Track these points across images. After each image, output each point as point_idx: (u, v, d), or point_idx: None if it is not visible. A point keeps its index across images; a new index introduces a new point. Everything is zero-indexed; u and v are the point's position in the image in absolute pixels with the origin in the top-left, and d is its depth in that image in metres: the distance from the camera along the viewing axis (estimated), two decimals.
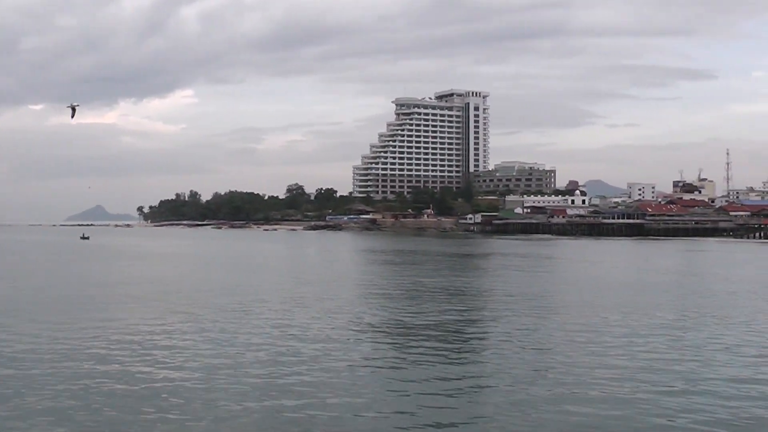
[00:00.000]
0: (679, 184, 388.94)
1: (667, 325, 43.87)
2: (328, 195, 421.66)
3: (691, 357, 34.24)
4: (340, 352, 34.85)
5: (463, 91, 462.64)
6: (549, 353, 35.07)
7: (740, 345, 37.55)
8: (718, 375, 30.63)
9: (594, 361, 33.24)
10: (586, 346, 36.96)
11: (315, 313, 48.16)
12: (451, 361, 33.42)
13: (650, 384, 28.82)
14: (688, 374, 30.70)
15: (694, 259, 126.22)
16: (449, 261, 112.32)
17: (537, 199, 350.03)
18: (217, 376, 29.74)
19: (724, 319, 46.60)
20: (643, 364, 32.60)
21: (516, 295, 61.03)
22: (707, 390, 28.07)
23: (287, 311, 49.05)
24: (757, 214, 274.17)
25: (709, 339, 39.21)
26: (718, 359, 33.91)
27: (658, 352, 35.39)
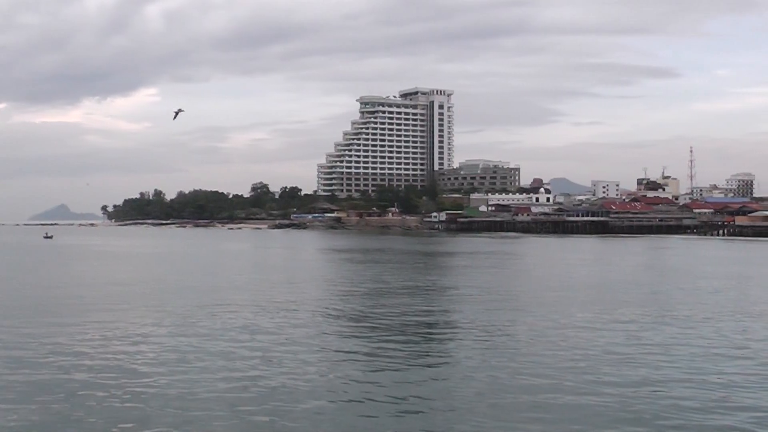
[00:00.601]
0: (643, 182, 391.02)
1: (630, 322, 44.04)
2: (293, 193, 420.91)
3: (653, 353, 34.23)
4: (306, 352, 34.66)
5: (427, 89, 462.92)
6: (513, 350, 35.01)
7: (702, 341, 37.67)
8: (681, 371, 30.63)
9: (558, 357, 33.21)
10: (551, 342, 36.98)
11: (281, 312, 47.85)
12: (416, 358, 33.33)
13: (613, 379, 28.78)
14: (650, 370, 30.68)
15: (657, 256, 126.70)
16: (414, 259, 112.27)
17: (502, 197, 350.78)
18: (181, 376, 29.40)
19: (686, 316, 46.66)
20: (605, 359, 32.61)
21: (480, 292, 61.04)
22: (668, 385, 28.13)
23: (253, 311, 48.70)
24: (721, 212, 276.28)
25: (671, 336, 39.30)
26: (680, 355, 33.94)
27: (621, 348, 35.38)
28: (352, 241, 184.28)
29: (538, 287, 66.97)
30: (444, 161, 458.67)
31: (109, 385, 27.94)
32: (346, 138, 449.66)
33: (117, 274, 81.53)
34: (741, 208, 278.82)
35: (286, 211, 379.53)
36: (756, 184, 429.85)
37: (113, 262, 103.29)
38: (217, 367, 31.21)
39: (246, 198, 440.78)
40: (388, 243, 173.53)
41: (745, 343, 37.38)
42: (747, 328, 42.28)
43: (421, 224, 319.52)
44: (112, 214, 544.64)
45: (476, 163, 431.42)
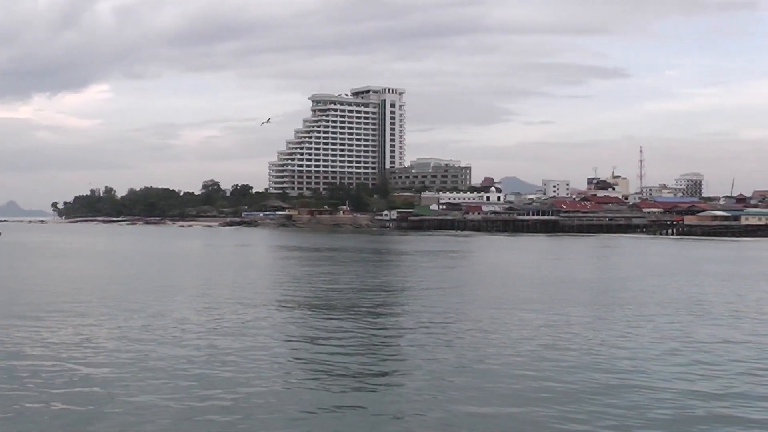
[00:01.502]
0: (594, 181, 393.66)
1: (579, 319, 44.05)
2: (244, 191, 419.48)
3: (599, 350, 34.29)
4: (256, 350, 34.27)
5: (379, 87, 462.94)
6: (462, 349, 34.79)
7: (647, 337, 37.79)
8: (622, 368, 30.77)
9: (504, 354, 33.13)
10: (498, 340, 36.89)
11: (232, 311, 47.31)
12: (366, 357, 33.11)
13: (557, 376, 28.73)
14: (595, 366, 30.77)
15: (606, 255, 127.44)
16: (365, 257, 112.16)
17: (452, 196, 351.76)
18: (129, 376, 28.98)
19: (631, 314, 46.83)
20: (549, 356, 32.61)
21: (430, 290, 60.99)
22: (610, 382, 28.20)
23: (202, 309, 48.24)
24: (670, 211, 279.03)
25: (618, 333, 39.38)
26: (623, 352, 34.06)
27: (567, 345, 35.42)
28: (302, 240, 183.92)
29: (487, 285, 67.03)
30: (395, 160, 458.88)
31: (55, 385, 27.55)
32: (298, 136, 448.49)
33: (66, 271, 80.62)
34: (690, 208, 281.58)
35: (237, 208, 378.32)
36: (705, 184, 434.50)
37: (60, 260, 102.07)
38: (166, 366, 30.86)
39: (197, 195, 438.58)
40: (339, 241, 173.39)
41: (686, 339, 37.60)
42: (692, 325, 42.52)
43: (372, 222, 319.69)
44: (62, 211, 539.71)
45: (427, 162, 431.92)
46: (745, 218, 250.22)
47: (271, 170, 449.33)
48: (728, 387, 28.05)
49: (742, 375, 30.05)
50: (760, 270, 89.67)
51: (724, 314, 48.18)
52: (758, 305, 53.69)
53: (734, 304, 53.75)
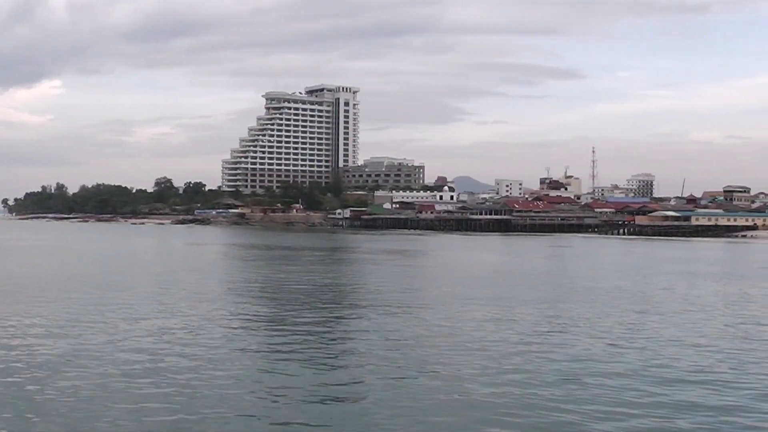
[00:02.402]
0: (546, 181, 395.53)
1: (530, 316, 44.33)
2: (197, 189, 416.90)
3: (550, 347, 34.54)
4: (206, 350, 34.23)
5: (333, 86, 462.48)
6: (416, 348, 34.98)
7: (594, 334, 38.08)
8: (574, 366, 31.03)
9: (457, 353, 33.36)
10: (451, 339, 37.04)
11: (179, 310, 47.18)
12: (319, 356, 33.13)
13: (510, 374, 28.89)
14: (544, 363, 31.01)
15: (557, 254, 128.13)
16: (317, 256, 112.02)
17: (406, 195, 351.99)
18: (75, 376, 28.75)
19: (574, 312, 47.23)
20: (502, 354, 32.77)
21: (383, 289, 61.13)
22: (559, 378, 28.50)
23: (152, 307, 48.01)
24: (621, 211, 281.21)
25: (578, 332, 39.69)
26: (583, 353, 34.33)
27: (520, 342, 35.64)
28: (255, 238, 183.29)
29: (439, 284, 67.24)
30: (349, 158, 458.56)
31: None
32: (251, 134, 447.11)
33: (12, 268, 79.98)
34: (641, 208, 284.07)
35: (190, 206, 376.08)
36: (656, 185, 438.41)
37: (7, 256, 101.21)
38: (109, 358, 30.75)
39: (150, 193, 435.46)
40: (292, 240, 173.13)
41: (632, 336, 37.97)
42: (643, 323, 42.92)
43: (325, 221, 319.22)
44: (12, 208, 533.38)
45: (381, 161, 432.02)
46: (695, 219, 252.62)
47: (224, 168, 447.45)
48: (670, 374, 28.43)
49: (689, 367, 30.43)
50: (708, 270, 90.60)
51: (671, 311, 48.69)
52: (704, 303, 54.28)
53: (682, 302, 54.35)
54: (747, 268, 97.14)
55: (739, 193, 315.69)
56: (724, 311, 50.18)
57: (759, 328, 42.41)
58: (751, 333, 40.68)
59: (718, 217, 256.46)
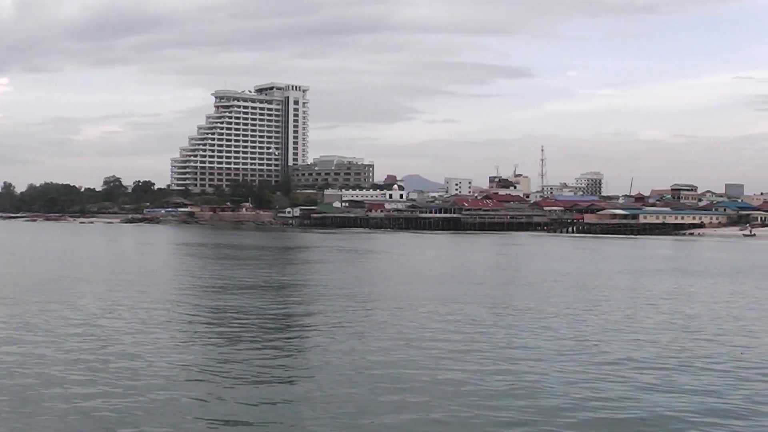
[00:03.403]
0: (495, 180, 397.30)
1: (480, 314, 44.50)
2: (146, 187, 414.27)
3: (499, 344, 34.64)
4: (153, 350, 34.01)
5: (283, 84, 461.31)
6: (365, 348, 34.96)
7: (548, 331, 38.27)
8: (525, 364, 31.20)
9: (407, 351, 33.47)
10: (401, 337, 37.18)
11: (127, 309, 46.88)
12: (268, 357, 33.00)
13: (464, 372, 28.94)
14: (495, 361, 31.16)
15: (506, 252, 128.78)
16: (267, 255, 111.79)
17: (355, 193, 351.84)
18: (18, 377, 28.48)
19: (521, 309, 47.45)
20: (455, 352, 32.81)
21: (332, 288, 61.12)
22: (511, 375, 28.63)
23: (99, 307, 47.61)
24: (570, 210, 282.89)
25: (522, 332, 39.85)
26: (526, 346, 34.47)
27: (472, 341, 35.76)
28: (204, 237, 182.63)
29: (386, 282, 67.33)
30: (299, 157, 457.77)
31: None
32: (201, 132, 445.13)
33: None
34: (590, 206, 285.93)
35: (139, 205, 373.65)
36: (604, 183, 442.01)
37: None
38: (54, 359, 30.48)
39: (98, 192, 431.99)
40: (241, 238, 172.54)
41: (577, 335, 38.23)
42: (585, 321, 43.20)
43: (274, 220, 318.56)
44: None
45: (331, 159, 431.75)
46: (643, 217, 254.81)
47: (173, 167, 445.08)
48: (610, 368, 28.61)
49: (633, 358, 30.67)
50: (653, 266, 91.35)
51: (617, 308, 49.06)
52: (650, 299, 54.74)
53: (624, 297, 54.76)
54: (694, 265, 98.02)
55: (686, 192, 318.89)
56: (662, 308, 50.63)
57: (696, 322, 42.83)
58: (691, 327, 41.08)
59: (666, 216, 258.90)
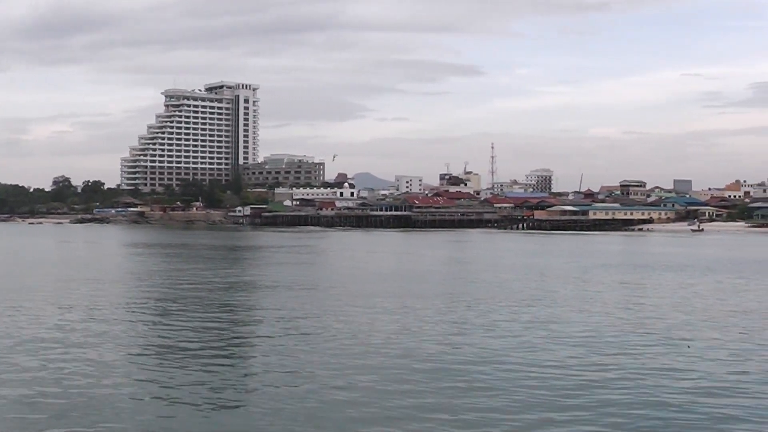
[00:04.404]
0: (446, 177, 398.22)
1: (435, 310, 44.76)
2: (96, 188, 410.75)
3: (454, 340, 34.81)
4: (96, 352, 33.68)
5: (233, 83, 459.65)
6: (316, 347, 34.90)
7: (500, 326, 38.49)
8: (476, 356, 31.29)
9: (347, 351, 33.49)
10: (342, 336, 37.15)
11: (77, 310, 46.33)
12: (216, 357, 32.89)
13: (419, 369, 29.08)
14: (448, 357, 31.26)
15: (456, 249, 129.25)
16: (217, 254, 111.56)
17: (306, 192, 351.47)
18: None
19: (484, 303, 47.65)
20: (407, 348, 32.99)
21: (283, 287, 61.01)
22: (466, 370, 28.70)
23: (49, 308, 47.10)
24: (520, 206, 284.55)
25: (477, 327, 40.01)
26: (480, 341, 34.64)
27: (425, 337, 35.90)
28: (154, 236, 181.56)
29: (338, 280, 67.37)
30: (249, 156, 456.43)
31: None
32: (151, 131, 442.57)
33: None
34: (539, 203, 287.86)
35: (88, 205, 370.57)
36: (554, 180, 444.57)
37: None
38: None
39: (47, 192, 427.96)
40: (192, 238, 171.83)
41: (522, 330, 38.54)
42: (536, 313, 43.53)
43: (225, 219, 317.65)
44: None
45: (281, 158, 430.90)
46: (592, 213, 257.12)
47: (123, 166, 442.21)
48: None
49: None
50: (601, 261, 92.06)
51: (564, 302, 49.45)
52: (600, 295, 55.18)
53: (575, 293, 55.20)
54: (643, 259, 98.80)
55: (635, 188, 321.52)
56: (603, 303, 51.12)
57: (642, 315, 43.26)
58: (639, 321, 41.48)
59: (615, 211, 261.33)
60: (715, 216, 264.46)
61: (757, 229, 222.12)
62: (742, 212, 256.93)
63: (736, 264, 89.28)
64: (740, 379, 28.13)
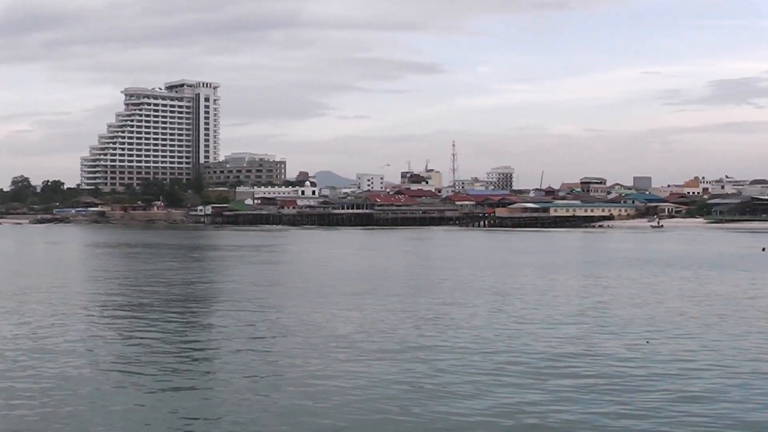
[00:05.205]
0: (407, 175, 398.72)
1: (399, 307, 44.92)
2: (56, 187, 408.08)
3: (420, 337, 34.98)
4: (53, 355, 33.63)
5: (194, 81, 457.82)
6: (278, 345, 35.03)
7: (461, 321, 38.69)
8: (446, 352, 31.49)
9: (308, 351, 33.50)
10: (304, 336, 37.20)
11: (32, 311, 46.24)
12: (176, 358, 32.90)
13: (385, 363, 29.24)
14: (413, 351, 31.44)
15: (418, 246, 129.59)
16: (178, 253, 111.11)
17: (267, 191, 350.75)
18: None
19: (445, 299, 47.87)
20: (373, 345, 33.07)
21: (241, 286, 61.12)
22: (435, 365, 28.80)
23: (6, 310, 46.92)
24: (481, 204, 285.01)
25: (440, 326, 40.14)
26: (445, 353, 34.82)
27: (392, 333, 36.07)
28: (115, 236, 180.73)
29: (300, 278, 67.41)
30: (210, 154, 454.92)
31: None
32: (111, 130, 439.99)
33: None
34: (501, 200, 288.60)
35: (48, 205, 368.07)
36: (515, 177, 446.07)
37: None
38: None
39: (6, 192, 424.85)
40: (153, 237, 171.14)
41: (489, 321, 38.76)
42: (501, 308, 43.77)
43: (186, 218, 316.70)
44: None
45: (242, 156, 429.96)
46: (553, 210, 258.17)
47: (83, 166, 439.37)
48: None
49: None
50: (562, 258, 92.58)
51: (524, 296, 49.75)
52: (559, 291, 55.55)
53: (537, 289, 55.53)
54: (603, 255, 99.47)
55: (596, 185, 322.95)
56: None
57: (602, 311, 43.59)
58: (598, 315, 41.79)
59: (576, 208, 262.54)
60: (675, 212, 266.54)
61: (715, 225, 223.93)
62: (700, 208, 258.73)
63: (695, 260, 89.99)
64: (698, 375, 28.44)
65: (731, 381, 27.44)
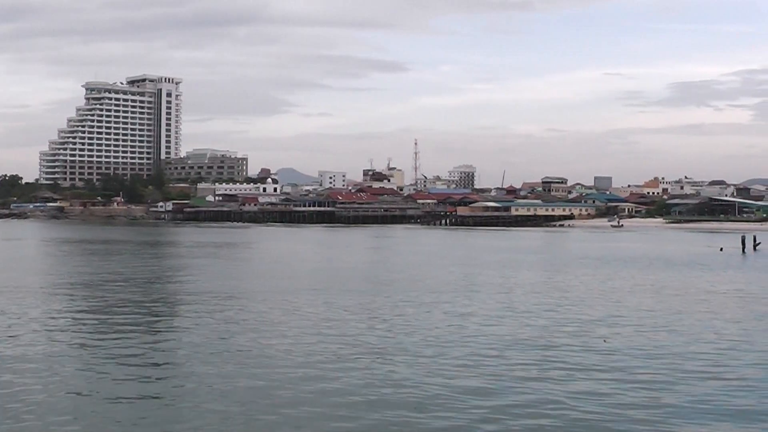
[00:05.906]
0: (369, 173, 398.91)
1: (360, 304, 44.92)
2: (13, 182, 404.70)
3: (377, 330, 34.97)
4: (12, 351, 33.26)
5: (155, 76, 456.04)
6: (240, 343, 34.91)
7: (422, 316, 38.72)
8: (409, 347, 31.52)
9: (285, 345, 33.50)
10: (267, 334, 37.14)
11: None
12: (131, 356, 32.67)
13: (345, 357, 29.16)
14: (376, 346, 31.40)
15: (380, 244, 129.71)
16: (138, 249, 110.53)
17: (229, 187, 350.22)
18: None
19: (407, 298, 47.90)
20: (331, 340, 33.00)
21: (201, 283, 60.94)
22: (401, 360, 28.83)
23: None
24: (443, 202, 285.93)
25: (407, 323, 40.14)
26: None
27: (348, 329, 35.98)
28: (74, 232, 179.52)
29: (257, 277, 67.31)
30: (171, 150, 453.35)
31: None
32: (71, 125, 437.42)
33: None
34: (463, 199, 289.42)
35: (5, 200, 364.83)
36: (477, 176, 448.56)
37: None
38: None
39: None
40: (112, 233, 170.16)
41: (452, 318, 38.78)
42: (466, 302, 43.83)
43: (147, 214, 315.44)
44: None
45: (204, 153, 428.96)
46: (515, 209, 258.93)
47: (42, 160, 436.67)
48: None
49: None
50: (523, 257, 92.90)
51: (488, 292, 49.85)
52: (517, 288, 55.69)
53: (497, 288, 55.63)
54: (563, 254, 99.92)
55: (557, 184, 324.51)
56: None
57: (560, 310, 43.72)
58: (556, 315, 41.91)
59: (537, 208, 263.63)
60: (635, 212, 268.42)
61: (675, 225, 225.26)
62: (660, 208, 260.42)
63: (653, 259, 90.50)
64: (657, 372, 28.56)
65: (681, 375, 27.66)
